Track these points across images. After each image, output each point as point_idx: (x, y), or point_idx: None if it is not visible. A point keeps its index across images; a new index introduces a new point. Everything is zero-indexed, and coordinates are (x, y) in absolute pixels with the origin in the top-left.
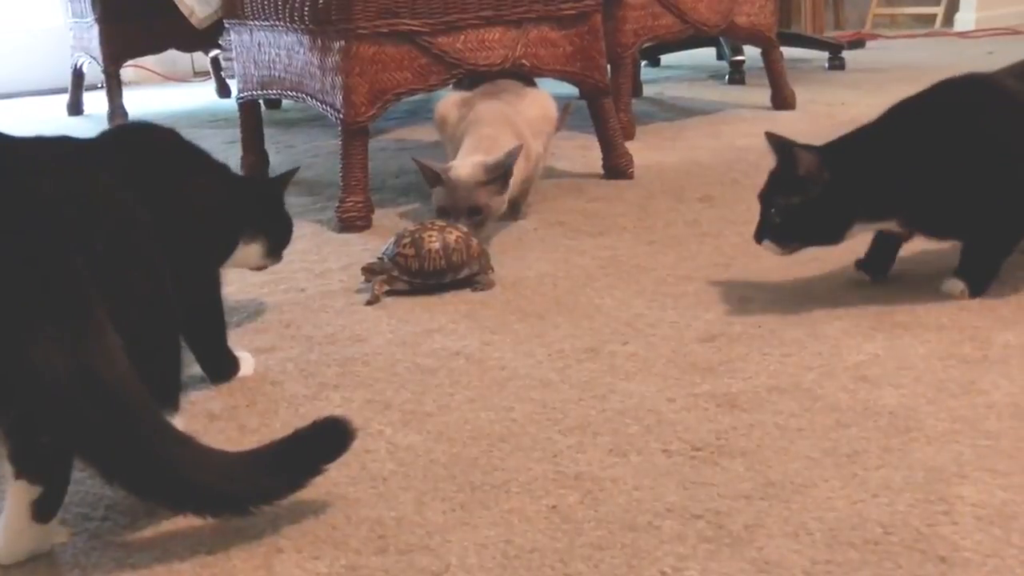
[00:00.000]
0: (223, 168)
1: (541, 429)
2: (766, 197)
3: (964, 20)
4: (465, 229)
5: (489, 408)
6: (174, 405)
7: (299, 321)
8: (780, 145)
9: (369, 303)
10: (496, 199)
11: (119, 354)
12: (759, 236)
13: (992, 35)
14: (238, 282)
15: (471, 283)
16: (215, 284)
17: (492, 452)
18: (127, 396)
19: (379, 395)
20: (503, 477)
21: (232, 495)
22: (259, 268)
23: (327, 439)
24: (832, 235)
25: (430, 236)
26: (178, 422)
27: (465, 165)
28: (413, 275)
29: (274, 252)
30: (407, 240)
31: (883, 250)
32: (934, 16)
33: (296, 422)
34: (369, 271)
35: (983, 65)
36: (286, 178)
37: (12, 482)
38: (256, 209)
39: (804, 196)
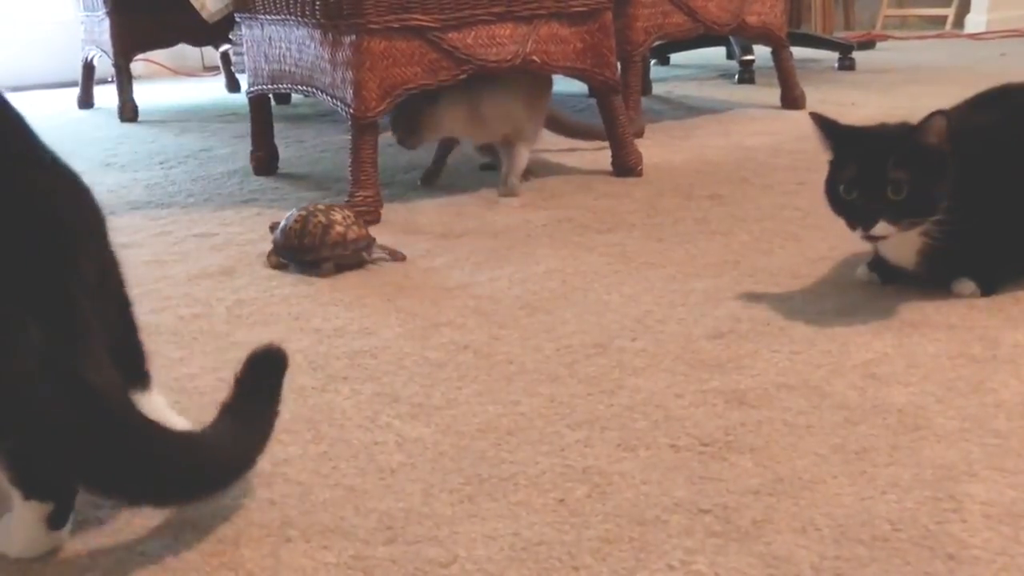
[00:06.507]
0: None
1: (549, 423)
2: (871, 178)
3: (975, 22)
4: (345, 215)
5: (497, 402)
6: (147, 382)
7: (308, 314)
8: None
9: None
10: None
11: (106, 360)
12: (869, 221)
13: (1003, 37)
14: (247, 275)
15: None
16: None
17: (500, 445)
18: (115, 405)
19: (387, 388)
20: (511, 470)
21: (227, 466)
22: None
23: (265, 369)
24: (936, 208)
25: (300, 214)
26: (154, 398)
27: None
28: (275, 246)
29: None
30: (288, 214)
31: None
32: (945, 17)
33: (305, 413)
34: (271, 229)
35: (995, 67)
36: None
37: (21, 502)
38: None
39: (931, 165)
